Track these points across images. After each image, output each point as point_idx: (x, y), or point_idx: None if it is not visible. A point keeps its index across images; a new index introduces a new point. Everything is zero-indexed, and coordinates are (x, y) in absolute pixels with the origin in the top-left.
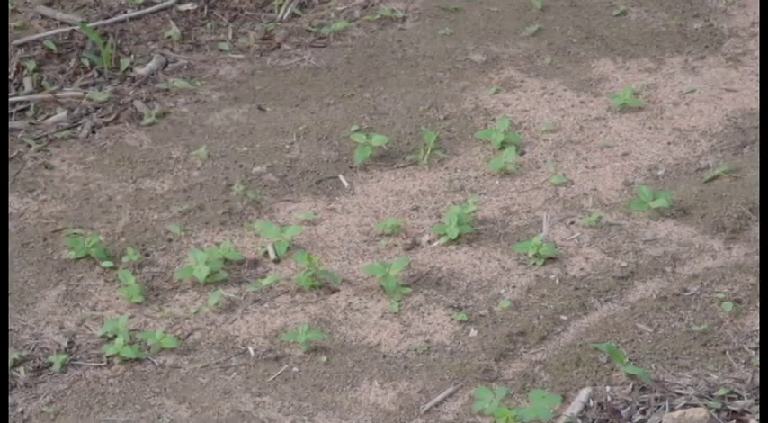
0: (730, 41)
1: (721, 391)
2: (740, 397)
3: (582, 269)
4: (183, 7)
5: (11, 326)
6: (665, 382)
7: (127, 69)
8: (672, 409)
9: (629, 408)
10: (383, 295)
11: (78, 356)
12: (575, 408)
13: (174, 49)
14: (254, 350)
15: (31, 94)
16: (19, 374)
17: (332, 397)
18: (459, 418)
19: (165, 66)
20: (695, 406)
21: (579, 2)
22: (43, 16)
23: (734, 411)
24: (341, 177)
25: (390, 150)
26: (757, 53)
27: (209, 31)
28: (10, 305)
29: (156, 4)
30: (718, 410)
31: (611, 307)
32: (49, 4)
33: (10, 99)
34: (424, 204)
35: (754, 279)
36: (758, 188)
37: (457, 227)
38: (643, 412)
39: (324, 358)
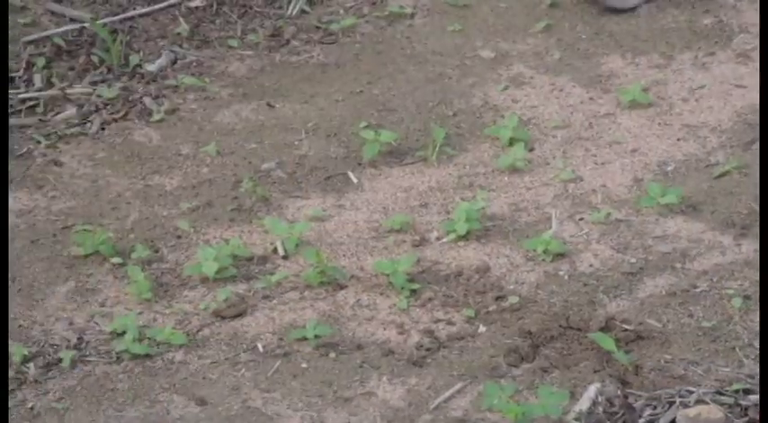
0: (740, 37)
1: (734, 387)
2: (752, 392)
3: (591, 265)
4: (191, 4)
5: (21, 322)
6: (676, 378)
7: (136, 66)
8: (684, 406)
9: (639, 403)
10: (391, 291)
11: (88, 352)
12: (583, 404)
13: (183, 45)
14: (263, 346)
15: (40, 90)
16: (29, 370)
17: (341, 393)
18: (468, 415)
19: (174, 62)
20: (706, 403)
21: None
22: (53, 13)
23: (746, 407)
24: (350, 174)
25: (399, 146)
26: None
27: (217, 27)
28: (20, 301)
29: (165, 0)
30: (730, 406)
31: (621, 303)
32: (58, 1)
33: (20, 96)
34: (432, 200)
35: None
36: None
37: (465, 223)
38: (653, 408)
39: (332, 354)
